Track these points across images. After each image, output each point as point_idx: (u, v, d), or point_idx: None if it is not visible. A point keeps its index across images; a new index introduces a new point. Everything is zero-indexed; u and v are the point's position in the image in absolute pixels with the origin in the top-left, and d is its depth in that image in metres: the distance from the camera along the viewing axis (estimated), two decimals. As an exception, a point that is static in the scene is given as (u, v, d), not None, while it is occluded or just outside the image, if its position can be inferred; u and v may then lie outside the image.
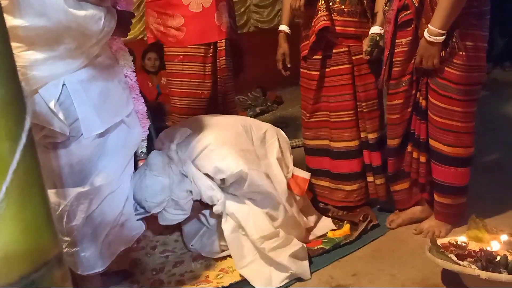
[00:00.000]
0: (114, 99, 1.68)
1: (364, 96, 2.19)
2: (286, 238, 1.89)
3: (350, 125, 2.26)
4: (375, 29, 2.07)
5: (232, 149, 1.87)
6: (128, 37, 1.80)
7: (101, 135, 1.62)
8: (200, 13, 2.35)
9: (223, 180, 1.87)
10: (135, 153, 1.89)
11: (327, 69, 2.23)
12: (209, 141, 1.90)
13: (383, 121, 2.28)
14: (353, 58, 2.17)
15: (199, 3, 2.35)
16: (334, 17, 2.14)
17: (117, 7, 1.72)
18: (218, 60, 2.40)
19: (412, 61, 1.91)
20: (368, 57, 2.08)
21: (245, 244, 1.90)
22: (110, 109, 1.65)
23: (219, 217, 1.97)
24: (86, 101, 1.58)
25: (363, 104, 2.20)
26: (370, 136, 2.24)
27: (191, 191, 1.90)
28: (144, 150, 1.95)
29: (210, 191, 1.88)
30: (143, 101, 1.91)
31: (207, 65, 2.39)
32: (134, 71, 1.85)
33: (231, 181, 1.85)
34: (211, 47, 2.38)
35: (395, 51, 1.95)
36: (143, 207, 1.83)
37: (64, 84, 1.52)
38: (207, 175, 1.88)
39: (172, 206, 1.88)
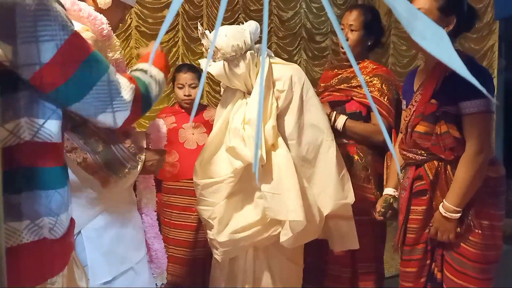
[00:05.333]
0: (126, 245, 1.70)
1: (360, 255, 2.17)
2: None
3: (346, 282, 2.24)
4: (389, 191, 2.09)
5: None
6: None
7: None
8: (194, 150, 2.55)
9: None
10: None
11: None
12: None
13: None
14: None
15: (194, 141, 2.57)
16: None
17: (149, 146, 1.81)
18: None
19: (427, 230, 1.90)
20: (382, 218, 2.08)
21: None
22: (120, 256, 1.66)
23: None
24: (98, 248, 1.61)
25: (358, 264, 2.17)
26: None
27: None
28: (165, 282, 1.95)
29: None
30: (161, 239, 1.93)
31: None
32: (155, 210, 1.90)
33: None
34: None
35: (410, 217, 1.94)
36: None
37: (80, 232, 1.57)
38: None
39: None
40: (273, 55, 2.20)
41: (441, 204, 1.80)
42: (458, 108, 1.76)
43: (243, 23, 5.70)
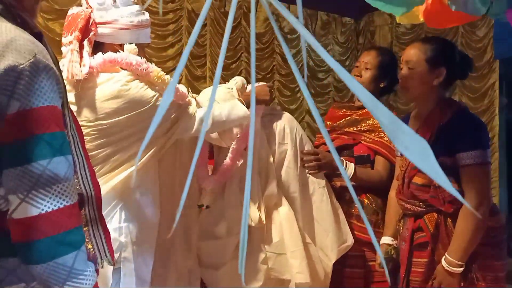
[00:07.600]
0: None
1: None
2: None
3: None
4: (387, 240, 2.04)
5: None
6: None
7: None
8: None
9: None
10: None
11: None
12: None
13: None
14: (367, 264, 2.14)
15: None
16: (351, 221, 2.18)
17: None
18: None
19: (430, 283, 1.85)
20: (383, 269, 2.03)
21: None
22: None
23: None
24: None
25: None
26: None
27: None
28: None
29: None
30: None
31: None
32: None
33: None
34: None
35: (412, 269, 1.90)
36: None
37: None
38: None
39: None
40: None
41: (443, 258, 1.76)
42: (454, 160, 1.75)
43: (246, 62, 5.66)
